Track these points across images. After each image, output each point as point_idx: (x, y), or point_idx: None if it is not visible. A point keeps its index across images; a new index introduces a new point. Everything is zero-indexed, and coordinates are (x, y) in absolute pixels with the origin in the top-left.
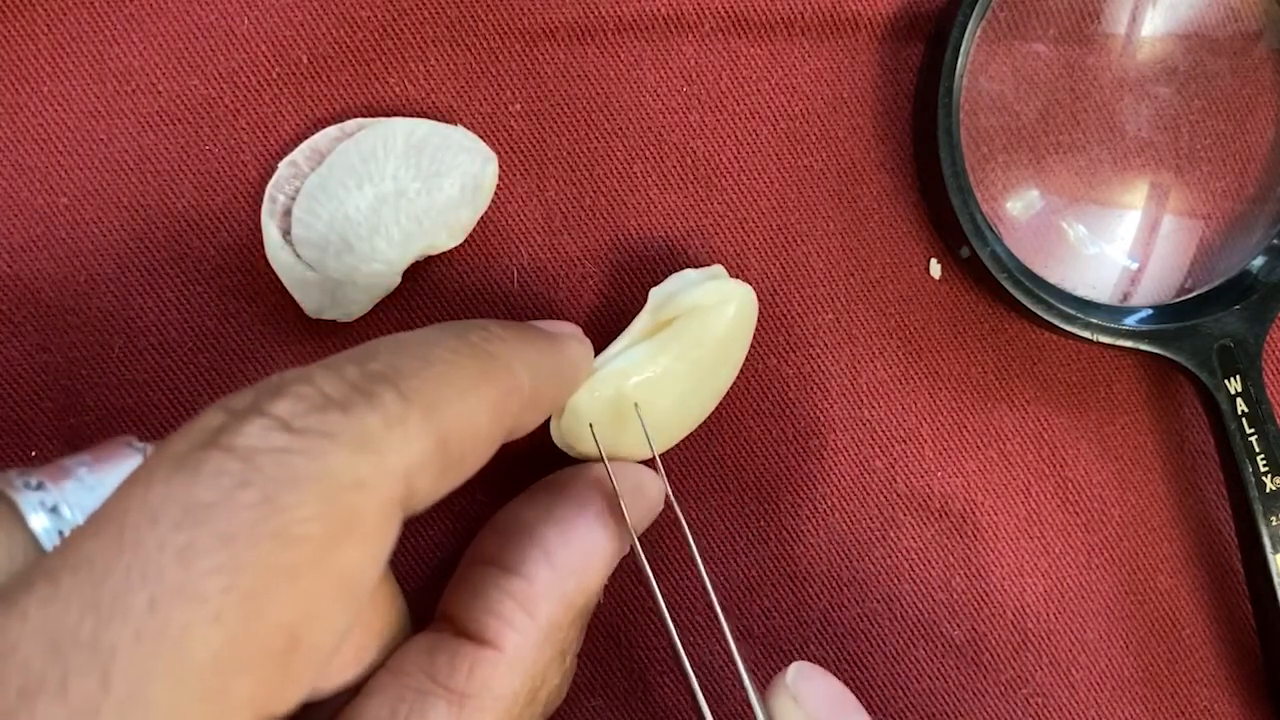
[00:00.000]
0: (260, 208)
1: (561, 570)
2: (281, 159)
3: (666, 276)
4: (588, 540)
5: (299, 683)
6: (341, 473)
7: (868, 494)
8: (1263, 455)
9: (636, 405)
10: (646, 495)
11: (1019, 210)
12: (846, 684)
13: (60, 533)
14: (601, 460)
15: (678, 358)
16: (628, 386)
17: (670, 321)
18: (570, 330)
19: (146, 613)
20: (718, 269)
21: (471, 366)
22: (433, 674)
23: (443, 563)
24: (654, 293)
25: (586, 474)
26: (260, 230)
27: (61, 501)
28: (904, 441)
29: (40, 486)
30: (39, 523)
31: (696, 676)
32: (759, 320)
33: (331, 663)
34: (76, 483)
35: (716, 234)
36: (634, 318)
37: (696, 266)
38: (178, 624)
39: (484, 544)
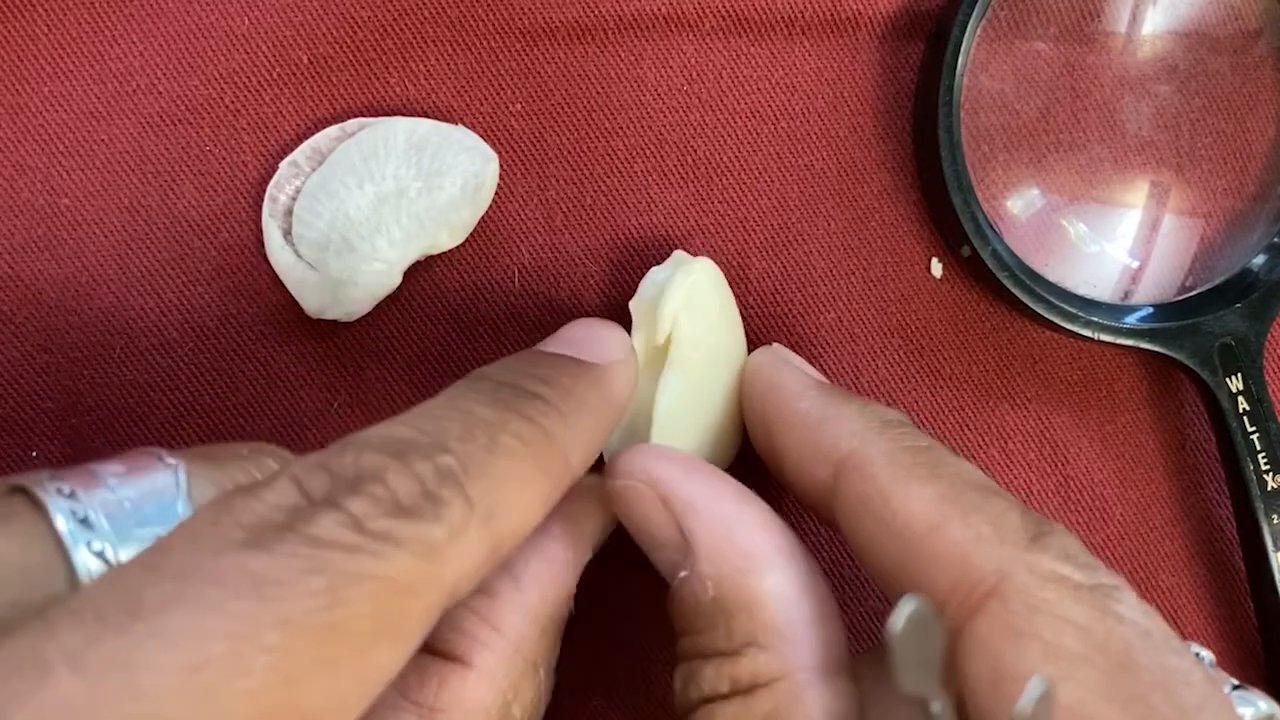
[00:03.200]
0: (261, 208)
1: (524, 583)
2: (282, 159)
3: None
4: (547, 551)
5: None
6: (399, 578)
7: None
8: (1264, 453)
9: None
10: (599, 502)
11: (1020, 209)
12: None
13: (89, 544)
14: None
15: (699, 365)
16: (687, 426)
17: (669, 338)
18: (614, 351)
19: (191, 672)
20: (678, 254)
21: (530, 459)
22: (402, 689)
23: None
24: (633, 306)
25: None
26: (261, 230)
27: (91, 511)
28: None
29: (72, 495)
30: (63, 525)
31: None
32: (761, 318)
33: None
34: (107, 492)
35: (717, 233)
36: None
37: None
38: (217, 690)
39: None
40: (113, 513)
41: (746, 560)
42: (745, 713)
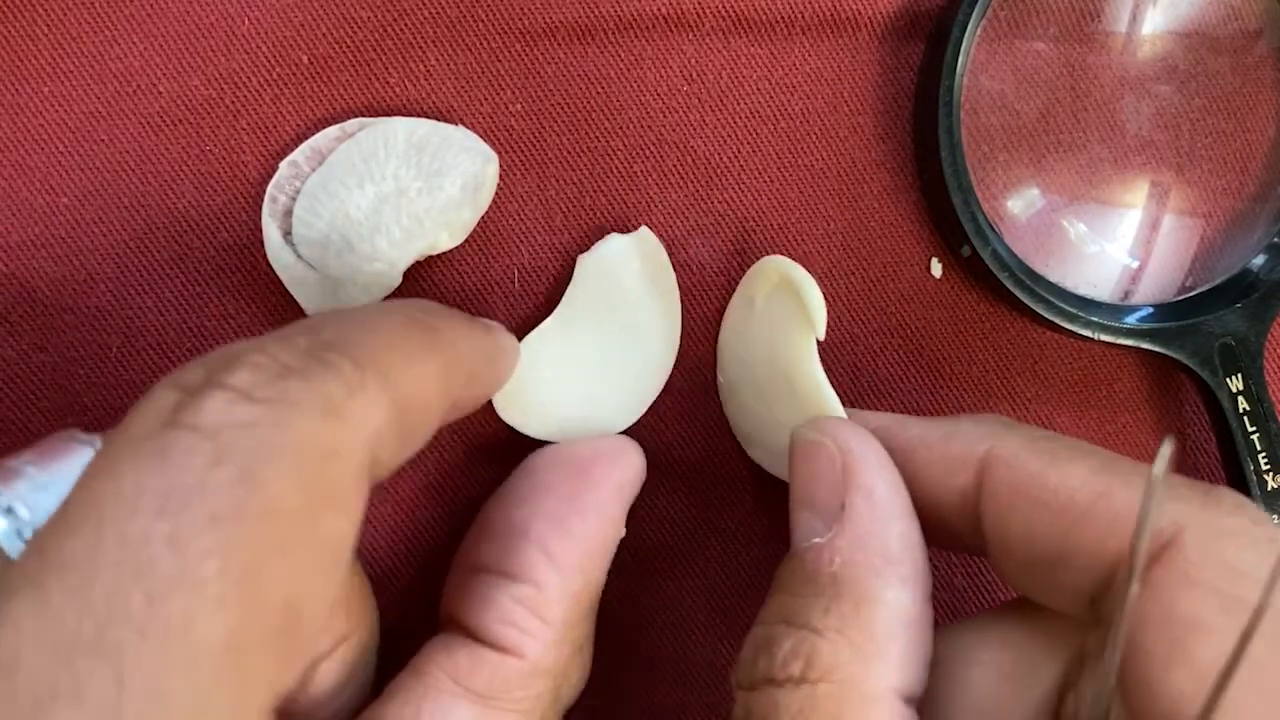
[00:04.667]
0: (261, 208)
1: (567, 570)
2: (282, 159)
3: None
4: (586, 534)
5: (303, 656)
6: (312, 442)
7: None
8: (1264, 453)
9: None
10: (632, 464)
11: (1020, 209)
12: None
13: (19, 533)
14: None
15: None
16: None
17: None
18: (497, 325)
19: (146, 607)
20: (643, 230)
21: (418, 337)
22: (455, 676)
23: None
24: (580, 259)
25: (561, 458)
26: (261, 230)
27: (16, 502)
28: None
29: None
30: None
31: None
32: None
33: (318, 664)
34: (28, 482)
35: (717, 233)
36: None
37: (680, 260)
38: (181, 614)
39: (480, 549)
40: (39, 502)
41: (885, 561)
42: (808, 709)
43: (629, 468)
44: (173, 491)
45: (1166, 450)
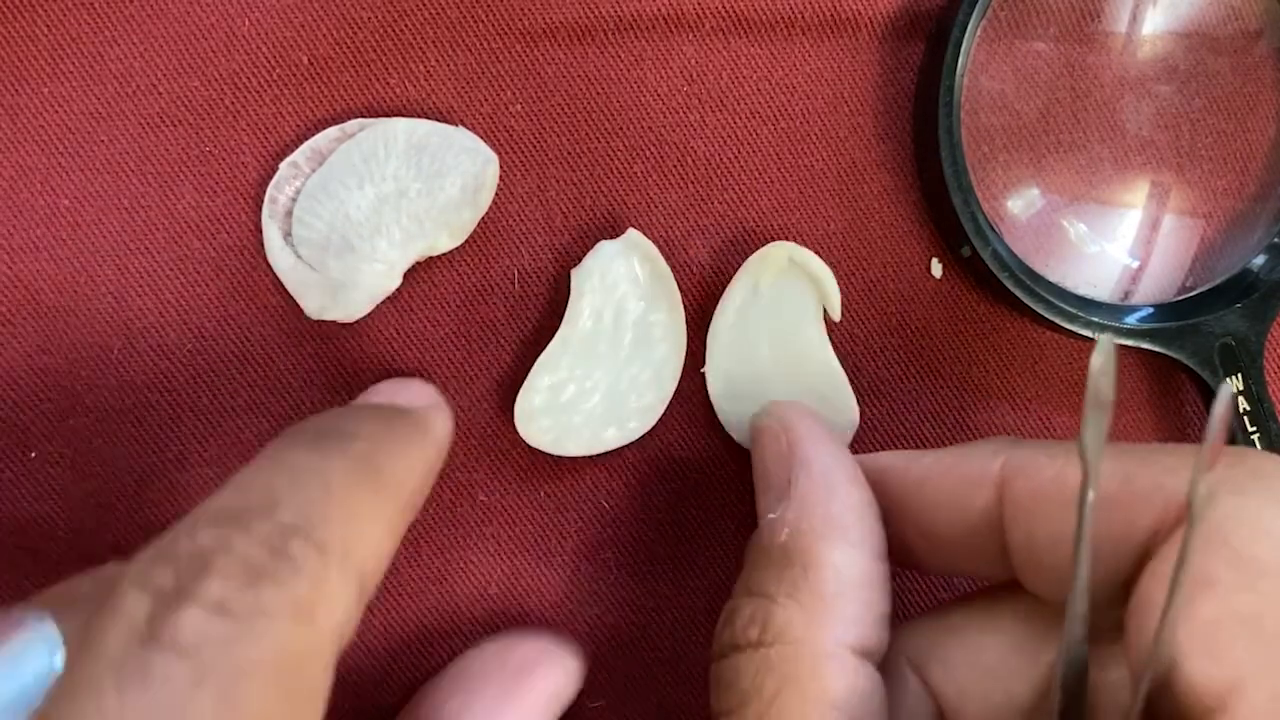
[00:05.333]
0: (261, 209)
1: None
2: (282, 160)
3: None
4: None
5: None
6: (287, 651)
7: None
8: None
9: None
10: (568, 674)
11: (1020, 209)
12: None
13: None
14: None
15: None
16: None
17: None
18: (426, 398)
19: None
20: (631, 233)
21: (368, 493)
22: None
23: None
24: (573, 274)
25: (499, 658)
26: (261, 231)
27: None
28: (905, 440)
29: None
30: None
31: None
32: None
33: None
34: None
35: (717, 233)
36: None
37: (681, 261)
38: None
39: None
40: None
41: (827, 526)
42: (765, 670)
43: (564, 679)
44: (155, 714)
45: (1106, 343)
